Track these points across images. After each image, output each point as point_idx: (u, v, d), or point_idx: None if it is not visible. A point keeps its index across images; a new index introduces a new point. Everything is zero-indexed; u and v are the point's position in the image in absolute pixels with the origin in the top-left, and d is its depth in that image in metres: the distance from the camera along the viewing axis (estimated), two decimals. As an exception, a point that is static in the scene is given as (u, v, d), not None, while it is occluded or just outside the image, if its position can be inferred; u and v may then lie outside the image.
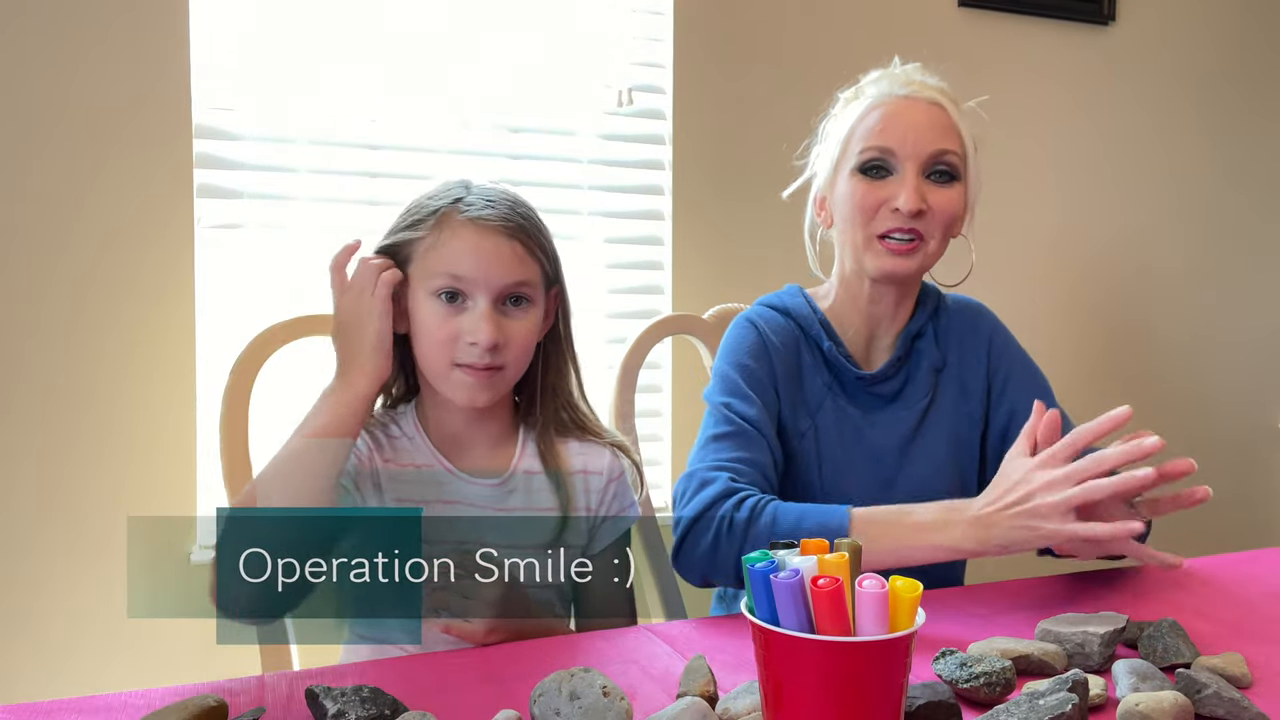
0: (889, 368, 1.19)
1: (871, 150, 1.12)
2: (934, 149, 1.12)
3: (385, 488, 1.03)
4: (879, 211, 1.12)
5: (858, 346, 1.22)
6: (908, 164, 1.11)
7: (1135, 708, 0.70)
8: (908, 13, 2.20)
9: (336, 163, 1.78)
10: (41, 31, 1.60)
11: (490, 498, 1.05)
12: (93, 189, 1.64)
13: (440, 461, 1.05)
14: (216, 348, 1.71)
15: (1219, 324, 2.57)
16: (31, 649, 1.64)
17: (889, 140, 1.12)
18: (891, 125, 1.12)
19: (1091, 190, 2.42)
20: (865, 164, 1.13)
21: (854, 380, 1.18)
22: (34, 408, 1.63)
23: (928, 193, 1.12)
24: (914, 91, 1.14)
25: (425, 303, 1.01)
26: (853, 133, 1.15)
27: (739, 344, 1.19)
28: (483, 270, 0.99)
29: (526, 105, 1.90)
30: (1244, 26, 2.55)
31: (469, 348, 0.99)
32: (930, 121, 1.12)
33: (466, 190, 1.04)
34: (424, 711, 0.71)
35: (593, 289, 1.96)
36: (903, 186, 1.10)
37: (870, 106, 1.15)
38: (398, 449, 1.05)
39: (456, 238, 1.00)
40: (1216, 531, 2.55)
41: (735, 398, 1.13)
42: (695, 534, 1.02)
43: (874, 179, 1.13)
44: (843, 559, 0.62)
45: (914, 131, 1.11)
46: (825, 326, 1.20)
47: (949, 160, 1.13)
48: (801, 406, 1.17)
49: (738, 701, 0.72)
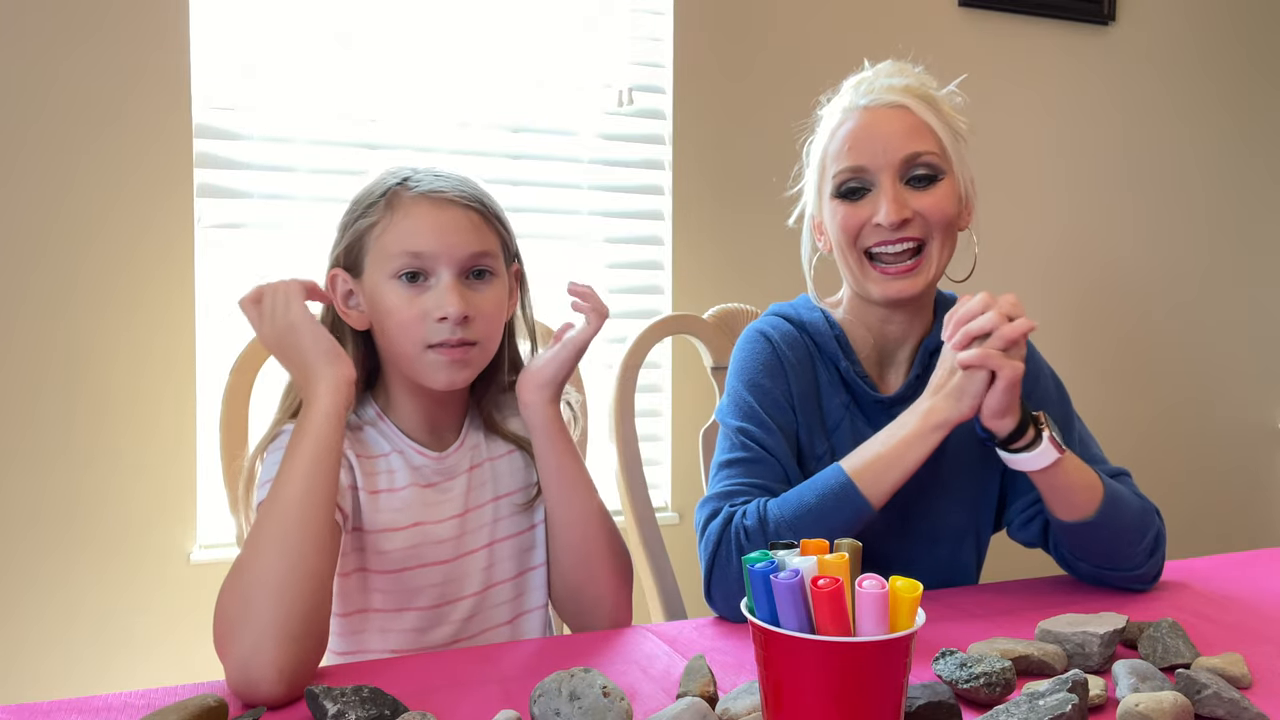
0: (907, 388, 1.14)
1: (844, 172, 1.09)
2: (905, 154, 1.08)
3: (361, 484, 1.01)
4: (862, 230, 1.09)
5: (873, 363, 1.17)
6: (882, 176, 1.08)
7: (1135, 708, 0.70)
8: (908, 13, 2.20)
9: (336, 163, 1.78)
10: (41, 32, 1.60)
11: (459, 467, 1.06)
12: (93, 189, 1.64)
13: (409, 445, 1.05)
14: (216, 348, 1.71)
15: (1219, 324, 2.57)
16: (31, 649, 1.64)
17: (858, 158, 1.08)
18: (858, 142, 1.09)
19: (1091, 190, 2.42)
20: (841, 186, 1.10)
21: (872, 403, 1.14)
22: (33, 407, 1.63)
23: (911, 199, 1.08)
24: (874, 100, 1.10)
25: (386, 287, 0.98)
26: (825, 156, 1.13)
27: (752, 360, 1.14)
28: (444, 242, 0.97)
29: (526, 105, 1.90)
30: (1244, 26, 2.55)
31: (438, 325, 0.97)
32: (898, 128, 1.08)
33: (413, 170, 1.03)
34: (424, 711, 0.71)
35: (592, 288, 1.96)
36: (880, 200, 1.07)
37: (835, 126, 1.12)
38: (364, 441, 1.04)
39: (411, 215, 0.98)
40: (1216, 531, 2.56)
41: (750, 422, 1.09)
42: (720, 567, 1.01)
43: (854, 201, 1.10)
44: (843, 559, 0.62)
45: (881, 141, 1.08)
46: (841, 343, 1.15)
47: (925, 161, 1.08)
48: (818, 427, 1.13)
49: (738, 702, 0.72)
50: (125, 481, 1.68)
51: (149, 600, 1.70)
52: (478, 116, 1.87)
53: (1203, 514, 2.54)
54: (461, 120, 1.86)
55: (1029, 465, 1.00)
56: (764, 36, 2.07)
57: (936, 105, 1.12)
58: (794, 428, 1.12)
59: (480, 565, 1.06)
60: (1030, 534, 1.14)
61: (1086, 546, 1.06)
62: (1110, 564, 1.07)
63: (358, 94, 1.79)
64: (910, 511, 1.14)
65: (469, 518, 1.06)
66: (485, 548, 1.06)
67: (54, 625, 1.65)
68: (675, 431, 2.02)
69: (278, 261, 1.74)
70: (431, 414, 1.06)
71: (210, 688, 0.80)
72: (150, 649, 1.70)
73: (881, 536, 1.12)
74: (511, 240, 1.07)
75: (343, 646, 1.04)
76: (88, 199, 1.64)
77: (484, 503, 1.07)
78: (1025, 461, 1.00)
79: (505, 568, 1.08)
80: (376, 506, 1.01)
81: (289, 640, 0.79)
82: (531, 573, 1.10)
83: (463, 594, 1.05)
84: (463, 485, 1.06)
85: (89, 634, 1.67)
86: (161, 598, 1.70)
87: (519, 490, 1.09)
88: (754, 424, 1.09)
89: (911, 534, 1.14)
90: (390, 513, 1.02)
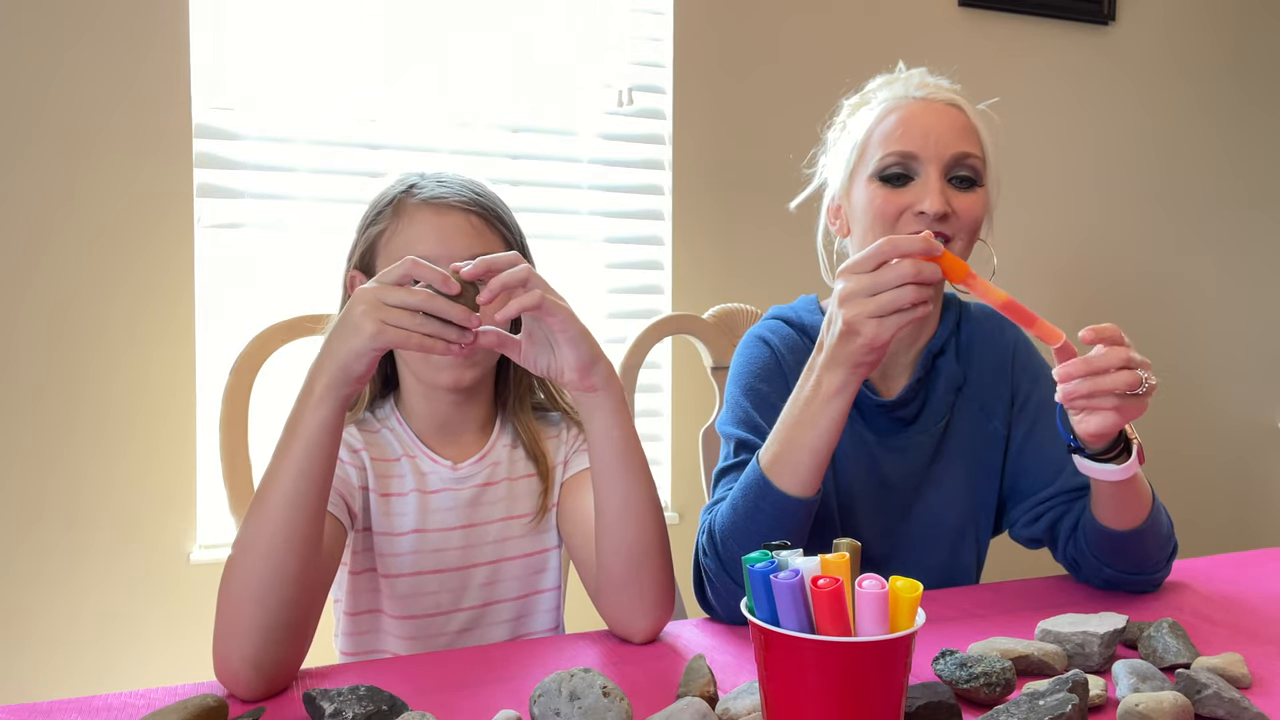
0: (908, 392, 1.12)
1: (892, 155, 1.07)
2: (956, 151, 1.07)
3: (373, 485, 1.02)
4: (901, 218, 1.07)
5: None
6: (929, 167, 1.06)
7: (1135, 708, 0.70)
8: (908, 12, 2.20)
9: (336, 163, 1.78)
10: (41, 32, 1.60)
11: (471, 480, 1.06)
12: (93, 189, 1.64)
13: (422, 450, 1.05)
14: (216, 348, 1.71)
15: (1219, 324, 2.57)
16: (31, 649, 1.64)
17: (909, 144, 1.07)
18: (911, 128, 1.07)
19: (1091, 190, 2.42)
20: (885, 170, 1.08)
21: (873, 407, 1.13)
22: (34, 408, 1.63)
23: (951, 197, 1.06)
24: (930, 93, 1.10)
25: None
26: (869, 138, 1.10)
27: (750, 364, 1.13)
28: (445, 248, 0.98)
29: (526, 105, 1.90)
30: (1244, 26, 2.55)
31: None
32: (950, 123, 1.08)
33: (420, 177, 1.04)
34: (424, 712, 0.71)
35: (593, 289, 1.97)
36: (926, 190, 1.05)
37: (886, 110, 1.10)
38: (379, 444, 1.05)
39: (415, 222, 1.00)
40: (1216, 531, 2.56)
41: (746, 429, 1.08)
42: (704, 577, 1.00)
43: (894, 186, 1.07)
44: (843, 559, 0.62)
45: (934, 133, 1.07)
46: None
47: (971, 164, 1.08)
48: None
49: (738, 701, 0.72)
50: (125, 481, 1.68)
51: (149, 600, 1.70)
52: (478, 116, 1.87)
53: (1203, 514, 2.54)
54: (461, 120, 1.86)
55: (1110, 475, 0.93)
56: (764, 36, 2.07)
57: (981, 117, 1.12)
58: None
59: (480, 581, 1.06)
60: (1035, 532, 1.13)
61: (1124, 553, 1.03)
62: (1137, 569, 1.05)
63: (358, 94, 1.79)
64: (907, 513, 1.13)
65: (473, 532, 1.05)
66: (489, 564, 1.06)
67: (54, 625, 1.65)
68: (675, 432, 2.02)
69: (277, 261, 1.74)
70: (445, 415, 1.06)
71: (210, 688, 0.80)
72: (150, 649, 1.70)
73: (878, 537, 1.12)
74: (516, 242, 1.07)
75: (352, 647, 1.05)
76: (88, 199, 1.64)
77: (492, 520, 1.06)
78: (1107, 472, 0.93)
79: (509, 587, 1.08)
80: (385, 510, 1.02)
81: (270, 643, 0.79)
82: (539, 596, 1.09)
83: (459, 606, 1.05)
84: (470, 499, 1.06)
85: (89, 634, 1.67)
86: (162, 598, 1.70)
87: (530, 515, 1.08)
88: (750, 430, 1.08)
89: (908, 535, 1.14)
90: (395, 517, 1.03)
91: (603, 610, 0.96)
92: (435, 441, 1.06)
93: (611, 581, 0.93)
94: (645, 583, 0.92)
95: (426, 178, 1.04)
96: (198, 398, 1.71)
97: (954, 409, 1.15)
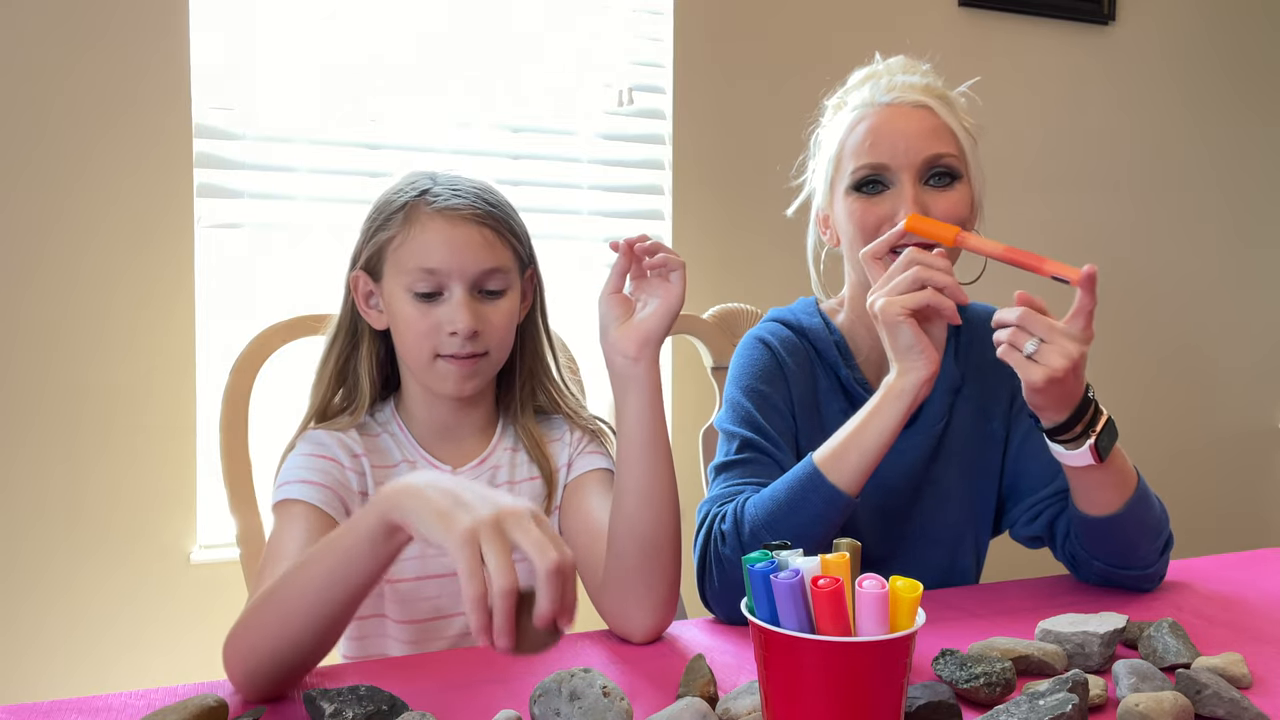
0: None
1: (863, 169, 1.07)
2: (927, 155, 1.06)
3: (372, 491, 1.02)
4: (880, 229, 1.07)
5: (873, 367, 1.15)
6: (902, 175, 1.06)
7: (1135, 708, 0.70)
8: (908, 13, 2.20)
9: (336, 163, 1.78)
10: (41, 31, 1.60)
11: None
12: (93, 189, 1.64)
13: (422, 455, 1.05)
14: (216, 348, 1.71)
15: (1219, 324, 2.57)
16: (32, 649, 1.64)
17: (879, 155, 1.07)
18: (880, 138, 1.07)
19: (1092, 190, 2.42)
20: (858, 182, 1.08)
21: None
22: (34, 408, 1.63)
23: (929, 200, 1.07)
24: (897, 97, 1.09)
25: (402, 298, 1.00)
26: (842, 149, 1.10)
27: (750, 366, 1.12)
28: (456, 260, 0.99)
29: (526, 105, 1.90)
30: (1243, 26, 2.55)
31: (449, 338, 0.99)
32: (919, 127, 1.07)
33: (433, 181, 1.03)
34: (424, 712, 0.71)
35: (593, 289, 1.96)
36: (901, 200, 1.06)
37: (855, 120, 1.10)
38: (379, 448, 1.05)
39: (427, 231, 0.99)
40: (1216, 531, 2.56)
41: (747, 427, 1.08)
42: (706, 571, 0.99)
43: (870, 195, 1.08)
44: (843, 559, 0.62)
45: (904, 141, 1.06)
46: (841, 349, 1.14)
47: (945, 163, 1.07)
48: (818, 435, 1.09)
49: (738, 701, 0.72)
50: (125, 482, 1.68)
51: (149, 600, 1.70)
52: (478, 116, 1.87)
53: (1203, 514, 2.54)
54: (461, 120, 1.86)
55: (1069, 460, 0.98)
56: (764, 36, 2.07)
57: (954, 107, 1.11)
58: (793, 434, 1.11)
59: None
60: (1034, 530, 1.13)
61: (1106, 542, 1.04)
62: (1124, 562, 1.05)
63: (357, 94, 1.79)
64: (907, 514, 1.13)
65: None
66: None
67: (54, 625, 1.65)
68: (675, 432, 1.99)
69: (277, 261, 1.74)
70: (446, 421, 1.07)
71: (210, 688, 0.80)
72: (150, 649, 1.70)
73: (877, 539, 1.12)
74: (525, 249, 1.07)
75: (354, 651, 1.05)
76: (88, 199, 1.64)
77: None
78: (1066, 456, 0.98)
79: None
80: None
81: (280, 681, 0.79)
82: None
83: (456, 610, 1.05)
84: None
85: (89, 634, 1.67)
86: (162, 598, 1.70)
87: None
88: (751, 429, 1.08)
89: (907, 536, 1.14)
90: None
91: (606, 605, 0.96)
92: (435, 445, 1.06)
93: (623, 570, 0.93)
94: (655, 575, 0.92)
95: (439, 182, 1.03)
96: (198, 398, 1.71)
97: (953, 410, 1.15)
